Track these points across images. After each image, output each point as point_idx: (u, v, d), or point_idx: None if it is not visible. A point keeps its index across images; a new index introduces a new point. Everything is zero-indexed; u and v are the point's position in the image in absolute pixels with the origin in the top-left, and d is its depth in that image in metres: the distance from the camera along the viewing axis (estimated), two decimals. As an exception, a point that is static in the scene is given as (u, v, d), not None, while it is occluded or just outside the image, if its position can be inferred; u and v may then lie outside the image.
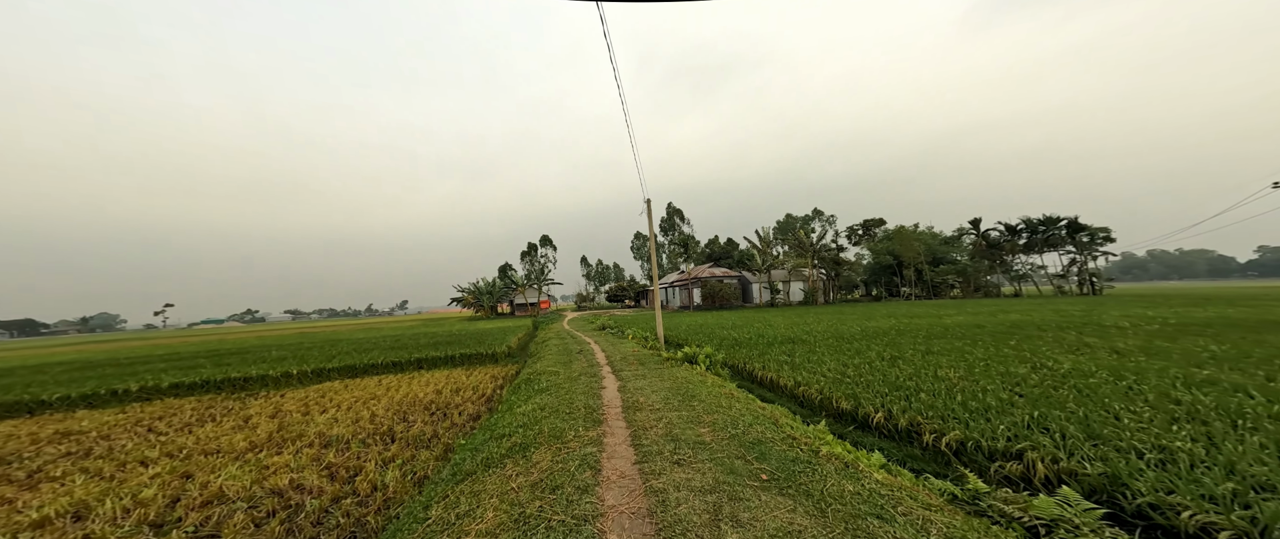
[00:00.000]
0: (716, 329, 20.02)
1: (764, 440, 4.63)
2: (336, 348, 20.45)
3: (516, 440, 5.08)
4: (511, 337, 22.05)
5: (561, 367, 11.18)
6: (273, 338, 33.92)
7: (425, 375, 14.16)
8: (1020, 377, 7.15)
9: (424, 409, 9.74)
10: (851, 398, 6.88)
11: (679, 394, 7.04)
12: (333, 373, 14.43)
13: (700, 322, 25.41)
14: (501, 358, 17.45)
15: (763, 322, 23.03)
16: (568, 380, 9.15)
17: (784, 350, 12.32)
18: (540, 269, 58.76)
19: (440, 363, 16.31)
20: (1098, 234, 37.20)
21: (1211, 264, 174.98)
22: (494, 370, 14.82)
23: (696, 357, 10.53)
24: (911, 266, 40.58)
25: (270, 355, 18.21)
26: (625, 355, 12.45)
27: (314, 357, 17.05)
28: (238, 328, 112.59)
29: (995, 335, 12.88)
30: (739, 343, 14.59)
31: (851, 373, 8.72)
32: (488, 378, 13.36)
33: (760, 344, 13.94)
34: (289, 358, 17.01)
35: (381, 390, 11.88)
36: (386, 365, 15.44)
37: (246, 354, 19.34)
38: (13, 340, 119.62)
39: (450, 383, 12.64)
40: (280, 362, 15.90)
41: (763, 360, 11.06)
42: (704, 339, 16.80)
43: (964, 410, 5.57)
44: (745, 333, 17.74)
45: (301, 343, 25.24)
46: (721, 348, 13.71)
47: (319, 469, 6.12)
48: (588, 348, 14.94)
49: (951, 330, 14.74)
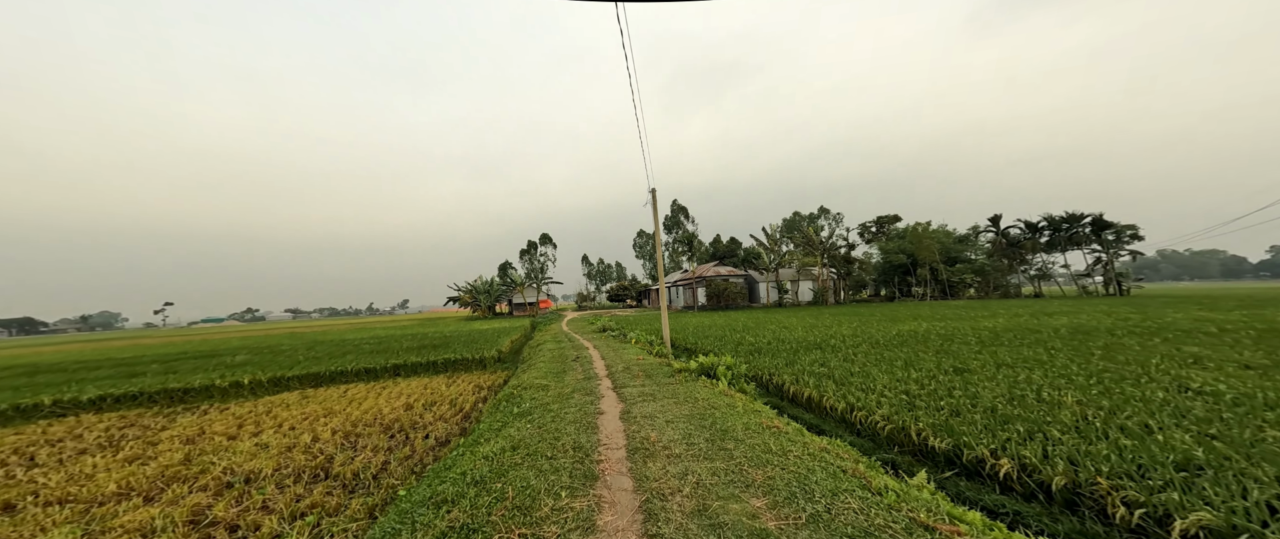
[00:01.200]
0: (727, 332, 18.14)
1: (872, 532, 2.75)
2: (315, 351, 18.69)
3: (458, 518, 3.20)
4: (505, 339, 20.25)
5: (552, 378, 9.32)
6: (256, 339, 32.18)
7: (400, 384, 12.36)
8: (1173, 405, 5.23)
9: (383, 430, 7.93)
10: (944, 432, 4.99)
11: (704, 427, 5.17)
12: (292, 382, 12.61)
13: (707, 323, 23.52)
14: (490, 364, 15.64)
15: (776, 323, 21.13)
16: (558, 399, 7.29)
17: (814, 359, 10.44)
18: (540, 268, 56.94)
19: (420, 369, 14.51)
20: (1124, 232, 35.17)
21: (1224, 265, 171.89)
22: (481, 378, 13.05)
23: (715, 368, 8.65)
24: (926, 266, 38.52)
25: (234, 360, 16.39)
26: (628, 364, 10.58)
27: (281, 362, 15.22)
28: (236, 327, 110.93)
29: (1067, 342, 10.95)
30: (758, 349, 12.71)
31: (917, 391, 6.83)
32: (471, 388, 11.57)
33: (784, 351, 12.05)
34: (252, 364, 15.18)
35: (342, 404, 10.07)
36: (358, 373, 13.63)
37: (209, 359, 17.53)
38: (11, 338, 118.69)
39: (426, 394, 10.86)
40: (238, 368, 14.10)
41: (793, 372, 9.18)
42: (715, 343, 14.93)
43: (1156, 462, 3.64)
44: (761, 337, 15.85)
45: (280, 345, 23.44)
46: (738, 355, 11.83)
47: (182, 534, 4.26)
48: (585, 354, 13.08)
49: (1002, 335, 12.82)
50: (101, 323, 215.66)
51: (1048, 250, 38.59)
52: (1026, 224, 39.55)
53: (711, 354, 10.56)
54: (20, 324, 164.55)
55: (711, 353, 12.08)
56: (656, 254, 16.94)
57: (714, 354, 10.26)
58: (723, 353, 12.28)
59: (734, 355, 11.96)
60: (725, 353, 11.68)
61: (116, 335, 78.99)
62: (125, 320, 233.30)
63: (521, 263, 57.21)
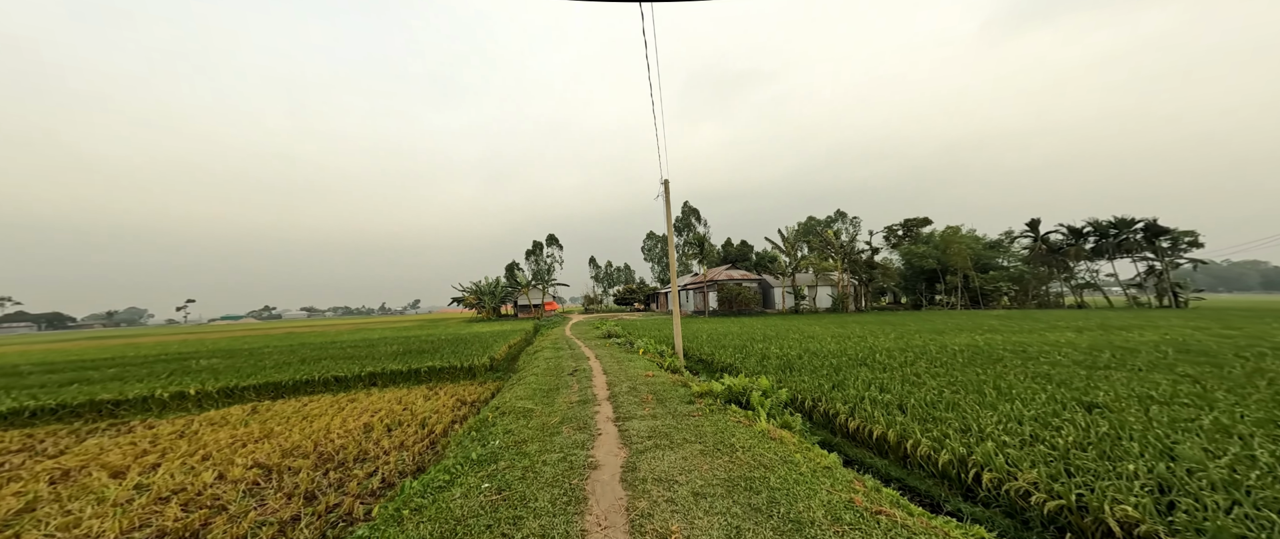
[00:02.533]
0: (746, 341, 16.01)
1: None
2: (298, 354, 17.16)
3: None
4: (501, 344, 18.43)
5: (540, 400, 7.39)
6: (251, 339, 31.05)
7: (372, 396, 10.59)
8: None
9: (318, 465, 6.15)
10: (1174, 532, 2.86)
11: (758, 508, 3.14)
12: (247, 393, 10.90)
13: (721, 330, 21.36)
14: (480, 373, 13.78)
15: (799, 333, 18.87)
16: (539, 434, 5.35)
17: (865, 380, 8.30)
18: (546, 269, 55.36)
19: (399, 379, 12.73)
20: (1181, 238, 31.84)
21: (1265, 276, 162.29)
22: (466, 390, 11.25)
23: (747, 394, 6.59)
24: (957, 273, 35.63)
25: (197, 365, 14.84)
26: (635, 382, 8.59)
27: (245, 369, 13.60)
28: (251, 324, 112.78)
29: (1215, 369, 8.60)
30: (790, 365, 10.57)
31: (1050, 438, 4.69)
32: (451, 403, 9.75)
33: (824, 369, 9.89)
34: (211, 371, 13.58)
35: (290, 423, 8.33)
36: (326, 382, 11.90)
37: (177, 362, 16.06)
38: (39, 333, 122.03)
39: (396, 410, 9.10)
40: (193, 376, 12.49)
41: (845, 399, 7.07)
42: (735, 355, 12.84)
43: None
44: (788, 348, 13.68)
45: (265, 347, 22.01)
46: (766, 371, 9.74)
47: None
48: (585, 366, 11.12)
49: (1096, 354, 10.47)
50: (127, 319, 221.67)
51: (1093, 257, 35.35)
52: (1069, 229, 36.37)
53: (740, 374, 8.50)
54: (49, 319, 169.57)
55: (738, 370, 9.98)
56: (669, 252, 14.95)
57: (744, 374, 8.19)
58: (746, 367, 10.18)
59: (760, 370, 9.88)
60: (750, 368, 9.58)
61: (123, 332, 79.96)
62: (151, 316, 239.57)
63: (528, 264, 55.72)
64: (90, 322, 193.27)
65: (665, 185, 15.48)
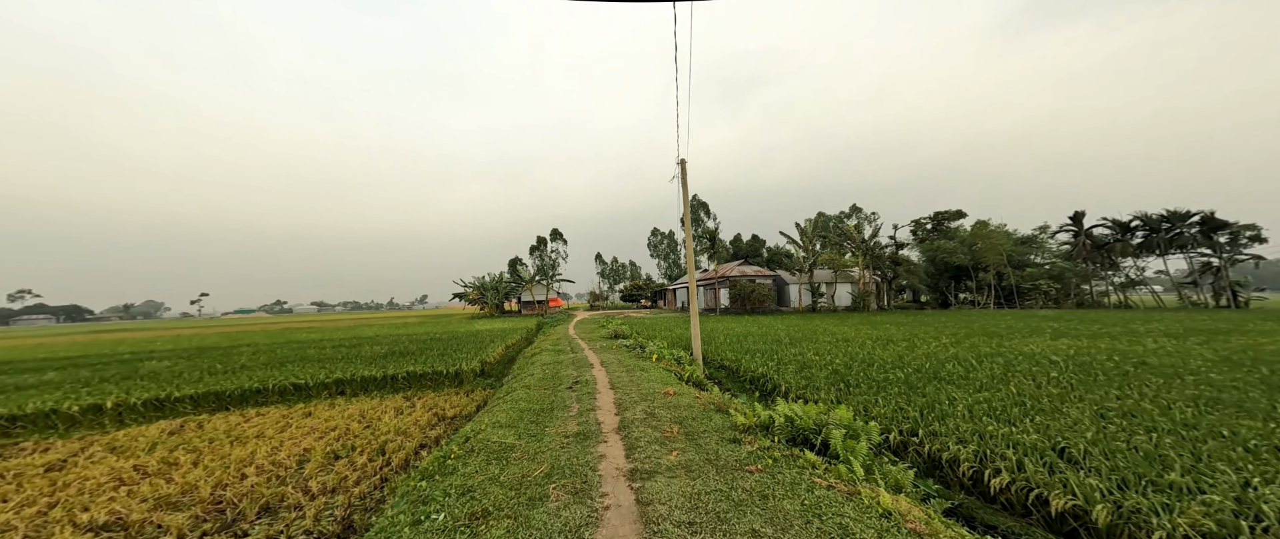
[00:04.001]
0: (771, 344, 13.87)
1: None
2: (270, 354, 15.54)
3: None
4: (497, 345, 16.54)
5: (525, 430, 5.37)
6: (243, 334, 29.60)
7: (334, 409, 8.76)
8: None
9: (194, 524, 4.24)
10: None
11: None
12: (181, 404, 9.06)
13: (739, 331, 19.21)
14: (469, 379, 11.88)
15: (828, 333, 16.65)
16: (511, 501, 3.33)
17: (963, 403, 6.15)
18: (550, 264, 53.45)
19: (372, 387, 10.87)
20: (1242, 232, 28.88)
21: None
22: (449, 401, 9.43)
23: (822, 432, 4.49)
24: (990, 269, 32.88)
25: (143, 368, 13.12)
26: (651, 401, 6.52)
27: (191, 375, 11.82)
28: (263, 318, 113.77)
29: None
30: (842, 378, 8.40)
31: None
32: (426, 419, 7.91)
33: (891, 384, 7.73)
34: (152, 376, 11.82)
35: (210, 448, 6.55)
36: (284, 390, 10.06)
37: (125, 364, 14.39)
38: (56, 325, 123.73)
39: (353, 430, 7.34)
40: (131, 381, 10.72)
41: (950, 431, 4.95)
42: (764, 361, 10.72)
43: None
44: (826, 353, 11.51)
45: (237, 346, 20.43)
46: (810, 383, 7.63)
47: None
48: (588, 375, 9.09)
49: (1245, 368, 8.18)
50: (144, 312, 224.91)
51: (1142, 253, 32.34)
52: (1115, 223, 33.37)
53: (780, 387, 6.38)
54: (68, 311, 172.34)
55: (774, 383, 7.78)
56: (686, 238, 12.82)
57: (785, 387, 6.06)
58: (784, 378, 7.98)
59: (806, 384, 7.76)
60: (791, 381, 7.43)
61: (131, 326, 79.96)
62: (168, 310, 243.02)
63: (532, 259, 53.87)
64: (108, 314, 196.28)
65: (681, 165, 13.40)
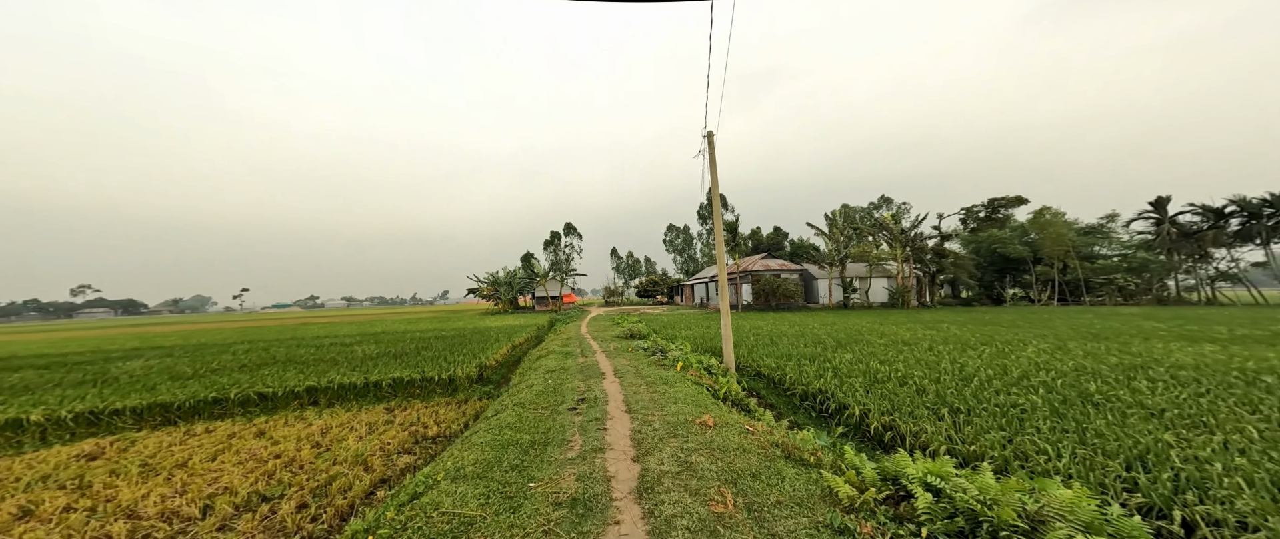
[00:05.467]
0: (814, 348, 11.63)
1: None
2: (263, 353, 14.44)
3: None
4: (502, 345, 14.93)
5: (496, 496, 3.51)
6: (251, 329, 29.24)
7: (292, 426, 7.23)
8: None
9: None
10: None
11: None
12: (119, 418, 7.67)
13: (770, 330, 16.94)
14: (464, 387, 10.24)
15: (879, 335, 14.19)
16: None
17: (1170, 457, 3.87)
18: (564, 259, 52.01)
19: (352, 395, 9.38)
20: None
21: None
22: (438, 413, 7.97)
23: (993, 515, 2.40)
24: (1055, 262, 29.11)
25: (117, 370, 12.02)
26: (685, 442, 4.54)
27: (149, 380, 10.59)
28: (295, 313, 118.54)
29: None
30: (941, 398, 6.13)
31: None
32: (401, 439, 6.39)
33: (1028, 410, 5.46)
34: (109, 382, 10.63)
35: (112, 481, 4.98)
36: (246, 400, 8.62)
37: (100, 365, 13.41)
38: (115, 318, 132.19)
39: (300, 457, 5.95)
40: (89, 386, 9.49)
41: None
42: (815, 370, 8.55)
43: None
44: (894, 362, 9.20)
45: (235, 343, 19.57)
46: (895, 404, 5.48)
47: None
48: (599, 390, 7.18)
49: None
50: (192, 306, 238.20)
51: (1239, 243, 27.88)
52: (1205, 209, 28.91)
53: (921, 447, 4.25)
54: (125, 305, 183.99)
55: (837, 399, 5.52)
56: (715, 217, 10.69)
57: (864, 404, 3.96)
58: (852, 394, 5.73)
59: (890, 407, 5.60)
60: (857, 396, 5.24)
61: (176, 319, 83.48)
62: (214, 304, 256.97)
63: (546, 254, 52.57)
64: (160, 308, 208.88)
65: (709, 138, 11.30)
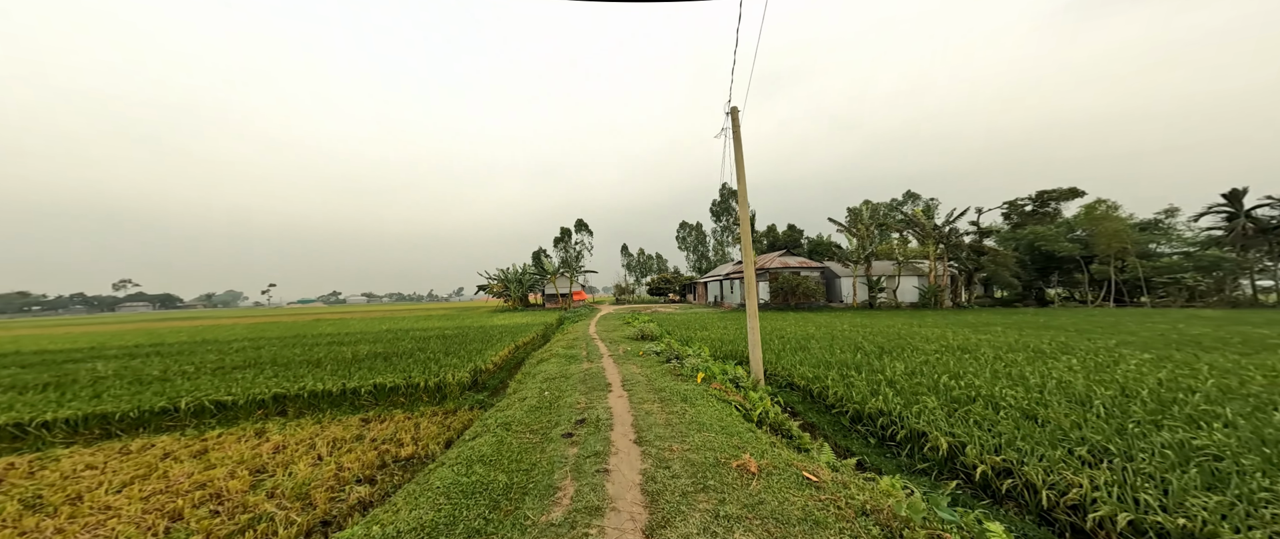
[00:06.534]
0: (856, 355, 9.88)
1: None
2: (253, 354, 13.67)
3: None
4: (505, 345, 13.71)
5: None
6: (259, 325, 28.97)
7: (252, 439, 6.05)
8: None
9: None
10: None
11: None
12: (54, 432, 6.60)
13: (796, 332, 15.17)
14: (454, 394, 8.96)
15: (922, 339, 12.28)
16: None
17: None
18: (574, 256, 50.82)
19: (326, 403, 8.25)
20: None
21: None
22: (420, 427, 6.84)
23: None
24: (1111, 260, 26.21)
25: (83, 373, 11.20)
26: (722, 499, 3.04)
27: (103, 385, 9.63)
28: (317, 308, 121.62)
29: None
30: (1070, 431, 4.36)
31: None
32: (363, 464, 5.11)
33: (1214, 460, 3.69)
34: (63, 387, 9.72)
35: None
36: (200, 410, 7.52)
37: (69, 366, 12.65)
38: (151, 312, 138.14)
39: (231, 489, 4.40)
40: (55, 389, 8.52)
41: None
42: (861, 380, 6.89)
43: None
44: (968, 376, 7.45)
45: (229, 342, 18.91)
46: (989, 434, 3.81)
47: None
48: (602, 410, 5.69)
49: None
50: (224, 301, 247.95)
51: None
52: (1288, 201, 25.60)
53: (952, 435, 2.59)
54: (162, 300, 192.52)
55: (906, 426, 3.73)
56: (740, 199, 9.07)
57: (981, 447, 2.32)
58: (933, 422, 3.93)
59: (982, 431, 3.92)
60: (942, 425, 3.53)
61: (205, 313, 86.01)
62: (245, 299, 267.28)
63: (556, 251, 51.48)
64: (195, 302, 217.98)
65: (733, 114, 9.76)
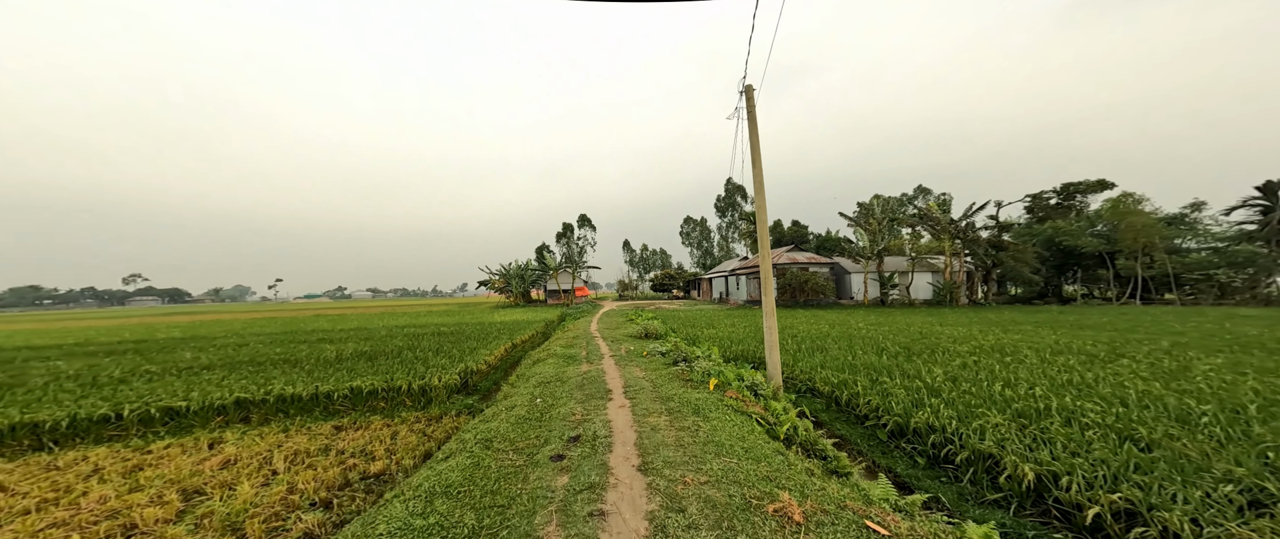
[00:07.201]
0: (880, 357, 8.84)
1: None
2: (237, 353, 12.98)
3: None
4: (499, 344, 12.85)
5: None
6: (256, 321, 28.26)
7: (197, 453, 5.17)
8: None
9: None
10: None
11: None
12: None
13: (809, 331, 14.13)
14: (440, 398, 8.07)
15: (950, 339, 11.21)
16: None
17: None
18: (577, 252, 49.92)
19: (296, 409, 7.40)
20: None
21: None
22: (398, 438, 5.79)
23: None
24: (1138, 256, 24.91)
25: (38, 373, 10.40)
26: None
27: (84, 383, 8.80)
28: (322, 303, 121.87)
29: None
30: (1256, 485, 3.30)
31: None
32: (323, 483, 3.94)
33: None
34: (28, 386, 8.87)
35: None
36: (149, 418, 6.65)
37: (28, 366, 11.87)
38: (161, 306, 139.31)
39: (151, 514, 3.33)
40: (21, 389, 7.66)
41: None
42: (896, 387, 5.88)
43: None
44: (1026, 382, 6.49)
45: (220, 338, 18.18)
46: (1092, 468, 2.78)
47: None
48: (600, 424, 4.71)
49: None
50: (232, 295, 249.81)
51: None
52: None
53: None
54: (171, 294, 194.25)
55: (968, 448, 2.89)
56: (755, 183, 8.00)
57: None
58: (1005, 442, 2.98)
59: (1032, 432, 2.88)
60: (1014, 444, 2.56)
61: (211, 308, 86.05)
62: (253, 293, 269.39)
63: (559, 246, 50.59)
64: (203, 297, 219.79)
65: (747, 92, 8.75)
